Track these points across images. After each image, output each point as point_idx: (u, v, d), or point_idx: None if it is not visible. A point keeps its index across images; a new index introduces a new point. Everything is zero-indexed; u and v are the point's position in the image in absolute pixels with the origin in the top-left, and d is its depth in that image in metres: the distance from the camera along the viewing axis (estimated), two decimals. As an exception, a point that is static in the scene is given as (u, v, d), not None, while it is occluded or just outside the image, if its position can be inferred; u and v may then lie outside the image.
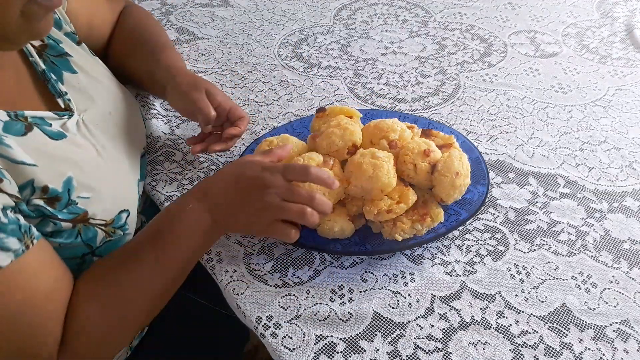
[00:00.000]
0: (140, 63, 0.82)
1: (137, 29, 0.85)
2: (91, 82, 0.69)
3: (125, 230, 0.64)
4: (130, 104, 0.76)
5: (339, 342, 0.58)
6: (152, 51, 0.81)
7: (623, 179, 0.78)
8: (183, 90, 0.74)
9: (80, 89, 0.66)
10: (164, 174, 0.78)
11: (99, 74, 0.72)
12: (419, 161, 0.67)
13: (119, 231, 0.63)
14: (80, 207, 0.58)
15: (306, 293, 0.63)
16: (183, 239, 0.59)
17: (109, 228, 0.62)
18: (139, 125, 0.78)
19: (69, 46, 0.68)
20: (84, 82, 0.67)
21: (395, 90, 0.97)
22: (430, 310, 0.61)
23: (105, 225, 0.61)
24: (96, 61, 0.73)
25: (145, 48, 0.82)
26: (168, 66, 0.78)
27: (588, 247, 0.68)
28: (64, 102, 0.64)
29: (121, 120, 0.72)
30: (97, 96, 0.68)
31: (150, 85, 0.85)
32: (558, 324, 0.59)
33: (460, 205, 0.68)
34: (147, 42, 0.83)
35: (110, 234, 0.62)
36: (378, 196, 0.64)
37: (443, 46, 1.10)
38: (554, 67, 1.03)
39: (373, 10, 1.24)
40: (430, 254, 0.67)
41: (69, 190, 0.57)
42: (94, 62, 0.72)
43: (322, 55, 1.07)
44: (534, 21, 1.19)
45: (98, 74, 0.71)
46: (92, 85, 0.69)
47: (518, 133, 0.86)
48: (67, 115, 0.62)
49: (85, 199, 0.58)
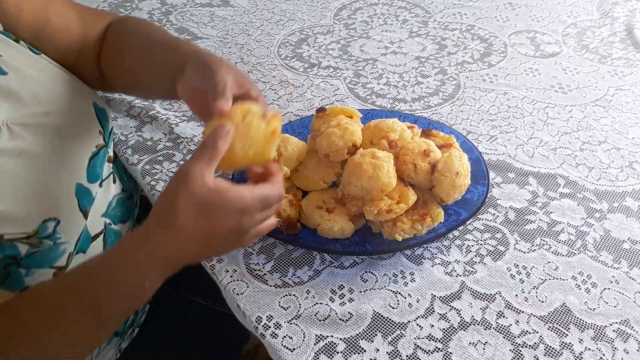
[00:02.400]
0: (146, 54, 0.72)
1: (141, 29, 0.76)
2: (24, 83, 0.61)
3: (56, 240, 0.59)
4: (78, 103, 0.68)
5: (339, 342, 0.58)
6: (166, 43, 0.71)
7: (623, 179, 0.78)
8: (211, 60, 0.60)
9: (10, 92, 0.59)
10: (163, 174, 0.78)
11: (38, 72, 0.64)
12: (419, 161, 0.67)
13: (47, 241, 0.58)
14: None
15: (306, 293, 0.62)
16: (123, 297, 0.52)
17: (32, 240, 0.56)
18: (90, 124, 0.69)
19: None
20: (14, 83, 0.60)
21: (395, 90, 0.97)
22: (431, 310, 0.61)
23: (28, 237, 0.56)
24: (36, 59, 0.65)
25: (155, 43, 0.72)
26: (192, 49, 0.66)
27: (588, 247, 0.68)
28: None
29: (62, 121, 0.64)
30: (30, 98, 0.61)
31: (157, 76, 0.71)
32: (558, 324, 0.59)
33: (460, 205, 0.68)
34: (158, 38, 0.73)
35: (36, 245, 0.57)
36: (378, 196, 0.64)
37: (443, 46, 1.10)
38: (554, 67, 1.03)
39: (373, 10, 1.24)
40: (430, 254, 0.67)
41: None
42: (32, 61, 0.64)
43: (322, 55, 1.07)
44: (534, 21, 1.19)
45: (36, 72, 0.64)
46: (26, 85, 0.61)
47: (518, 133, 0.86)
48: None
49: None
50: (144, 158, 0.81)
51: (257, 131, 0.53)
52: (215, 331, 0.84)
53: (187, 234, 0.49)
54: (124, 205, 0.74)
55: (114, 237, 0.71)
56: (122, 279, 0.50)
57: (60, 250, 0.60)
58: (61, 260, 0.60)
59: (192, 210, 0.48)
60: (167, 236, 0.49)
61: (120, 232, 0.73)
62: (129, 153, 0.82)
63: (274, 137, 0.54)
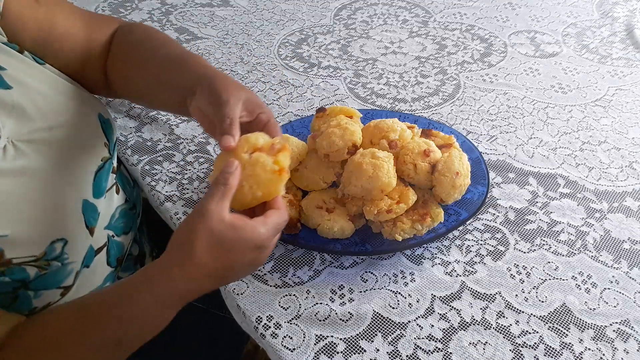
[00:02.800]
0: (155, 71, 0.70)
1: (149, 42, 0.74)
2: (29, 96, 0.60)
3: (64, 260, 0.58)
4: (83, 114, 0.67)
5: (339, 342, 0.58)
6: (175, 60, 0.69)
7: (623, 179, 0.78)
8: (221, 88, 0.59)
9: (14, 106, 0.58)
10: (163, 174, 0.78)
11: (42, 83, 0.63)
12: (419, 161, 0.67)
13: (55, 262, 0.57)
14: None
15: (306, 293, 0.62)
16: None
17: (41, 262, 0.55)
18: (95, 137, 0.68)
19: (1, 58, 0.59)
20: (18, 98, 0.59)
21: (395, 90, 0.97)
22: (431, 310, 0.61)
23: (37, 260, 0.55)
24: (41, 70, 0.64)
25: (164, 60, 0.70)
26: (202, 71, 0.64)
27: (588, 247, 0.68)
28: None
29: (67, 134, 0.63)
30: (34, 111, 0.60)
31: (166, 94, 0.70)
32: (558, 324, 0.59)
33: (460, 205, 0.68)
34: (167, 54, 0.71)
35: (44, 268, 0.56)
36: (378, 196, 0.64)
37: (443, 46, 1.10)
38: (554, 67, 1.03)
39: (373, 10, 1.24)
40: (431, 254, 0.67)
41: None
42: (37, 72, 0.63)
43: (322, 55, 1.07)
44: (534, 21, 1.19)
45: (40, 83, 0.62)
46: (30, 99, 0.60)
47: (518, 133, 0.86)
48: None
49: (2, 238, 0.52)
50: (144, 158, 0.81)
51: (263, 170, 0.53)
52: (215, 332, 0.84)
53: (204, 271, 0.49)
54: (127, 216, 0.73)
55: (117, 249, 0.70)
56: (141, 314, 0.51)
57: (67, 270, 0.59)
58: (68, 279, 0.60)
59: (210, 247, 0.48)
60: (185, 273, 0.49)
61: (122, 244, 0.72)
62: (128, 153, 0.82)
63: (281, 175, 0.54)
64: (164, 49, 0.72)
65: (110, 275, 0.69)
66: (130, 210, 0.75)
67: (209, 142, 0.84)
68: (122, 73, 0.73)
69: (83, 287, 0.63)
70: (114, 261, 0.69)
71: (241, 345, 0.91)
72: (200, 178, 0.78)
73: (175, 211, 0.73)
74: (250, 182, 0.52)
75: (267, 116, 0.60)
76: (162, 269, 0.50)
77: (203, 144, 0.84)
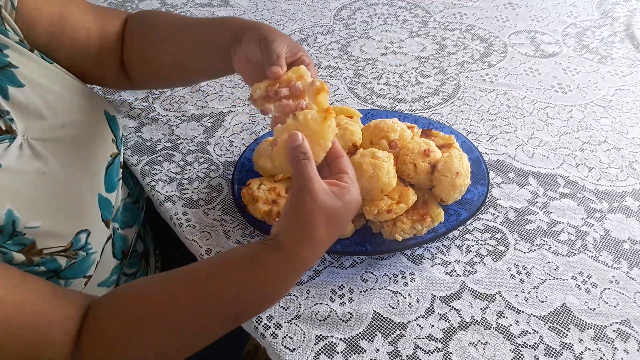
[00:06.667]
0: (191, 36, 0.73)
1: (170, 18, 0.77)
2: (41, 93, 0.62)
3: (88, 250, 0.61)
4: (91, 112, 0.69)
5: (339, 342, 0.58)
6: (209, 23, 0.72)
7: (623, 179, 0.78)
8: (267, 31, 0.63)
9: (28, 105, 0.60)
10: (163, 174, 0.78)
11: (52, 82, 0.64)
12: (419, 161, 0.67)
13: (81, 252, 0.60)
14: (28, 238, 0.55)
15: (306, 293, 0.63)
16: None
17: (69, 252, 0.59)
18: (104, 133, 0.70)
19: (14, 56, 0.60)
20: (31, 96, 0.60)
21: (395, 90, 0.97)
22: (431, 310, 0.61)
23: (65, 251, 0.58)
24: (50, 69, 0.65)
25: (196, 26, 0.74)
26: (246, 22, 0.68)
27: (588, 247, 0.68)
28: (5, 123, 0.57)
29: (77, 131, 0.65)
30: (46, 109, 0.62)
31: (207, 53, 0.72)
32: (558, 324, 0.59)
33: (460, 205, 0.68)
34: (196, 21, 0.74)
35: (73, 257, 0.59)
36: (378, 196, 0.64)
37: (443, 46, 1.10)
38: (554, 67, 1.03)
39: (373, 10, 1.24)
40: (430, 254, 0.67)
41: (14, 222, 0.53)
42: (47, 71, 0.64)
43: (322, 55, 1.07)
44: (534, 21, 1.19)
45: (50, 82, 0.64)
46: (42, 97, 0.62)
47: (518, 133, 0.86)
48: (7, 139, 0.57)
49: (34, 229, 0.55)
50: (144, 158, 0.81)
51: (315, 123, 0.55)
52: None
53: (325, 244, 0.54)
54: (131, 210, 0.74)
55: (121, 241, 0.71)
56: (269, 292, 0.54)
57: (91, 260, 0.62)
58: (91, 269, 0.63)
59: (327, 223, 0.52)
60: (310, 250, 0.52)
61: (127, 237, 0.73)
62: (128, 153, 0.82)
63: (328, 117, 0.56)
64: (189, 20, 0.75)
65: (116, 268, 0.70)
66: (134, 204, 0.76)
67: (209, 142, 0.84)
68: (142, 55, 0.75)
69: (95, 278, 0.65)
70: (119, 253, 0.70)
71: (242, 345, 0.91)
72: (200, 178, 0.78)
73: (175, 211, 0.73)
74: (312, 142, 0.54)
75: (308, 58, 0.63)
76: (290, 251, 0.52)
77: (203, 144, 0.84)
